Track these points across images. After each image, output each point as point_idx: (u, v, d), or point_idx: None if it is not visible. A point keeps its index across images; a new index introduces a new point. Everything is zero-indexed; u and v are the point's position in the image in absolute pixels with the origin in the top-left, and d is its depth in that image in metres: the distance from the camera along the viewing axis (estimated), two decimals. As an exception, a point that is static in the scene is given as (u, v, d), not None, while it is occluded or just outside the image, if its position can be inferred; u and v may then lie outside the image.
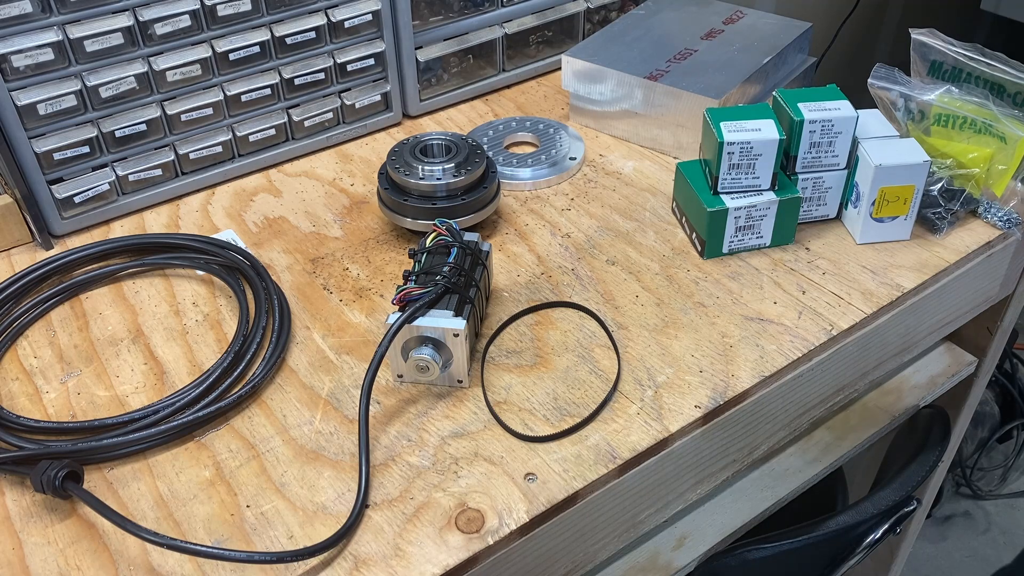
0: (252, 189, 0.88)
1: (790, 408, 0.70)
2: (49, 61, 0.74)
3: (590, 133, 0.94)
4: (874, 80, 0.81)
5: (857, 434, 0.82)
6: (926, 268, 0.73)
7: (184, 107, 0.82)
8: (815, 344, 0.67)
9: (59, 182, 0.79)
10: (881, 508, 0.77)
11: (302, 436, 0.61)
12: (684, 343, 0.67)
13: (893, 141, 0.75)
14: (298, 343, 0.69)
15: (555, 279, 0.74)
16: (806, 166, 0.75)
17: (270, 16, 0.83)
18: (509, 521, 0.55)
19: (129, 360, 0.68)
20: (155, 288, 0.75)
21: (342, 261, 0.77)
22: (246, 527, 0.55)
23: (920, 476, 0.80)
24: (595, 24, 1.05)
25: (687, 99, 0.85)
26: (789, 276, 0.73)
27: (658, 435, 0.60)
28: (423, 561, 0.53)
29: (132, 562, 0.54)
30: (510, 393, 0.64)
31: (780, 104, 0.75)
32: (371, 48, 0.90)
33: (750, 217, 0.74)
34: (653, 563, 0.71)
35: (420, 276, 0.64)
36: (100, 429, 0.61)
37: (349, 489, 0.57)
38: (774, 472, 0.78)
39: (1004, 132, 0.75)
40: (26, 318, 0.72)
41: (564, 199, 0.84)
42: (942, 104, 0.78)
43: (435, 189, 0.76)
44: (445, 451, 0.60)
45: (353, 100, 0.92)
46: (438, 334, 0.61)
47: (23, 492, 0.58)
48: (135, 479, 0.59)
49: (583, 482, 0.57)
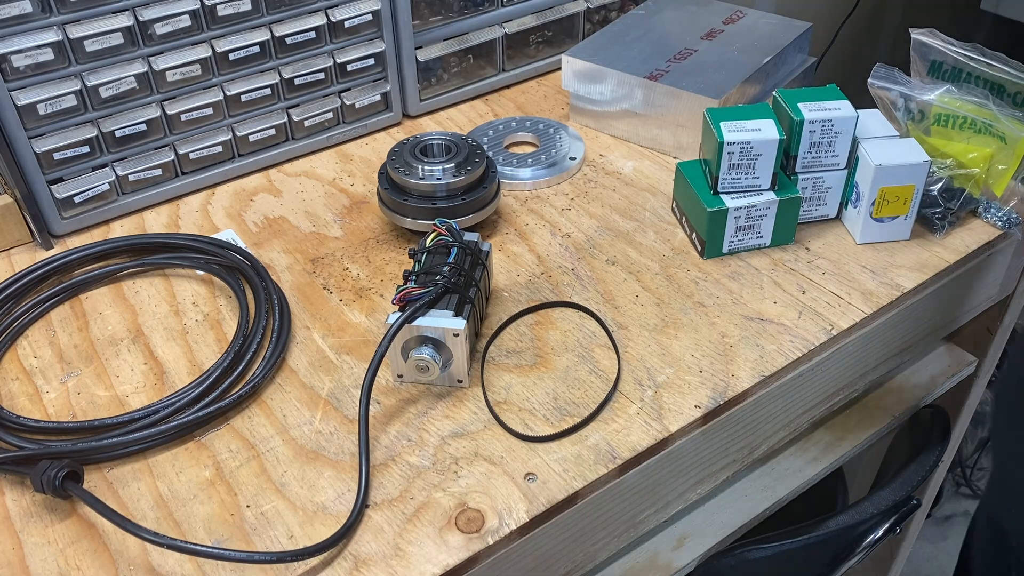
0: (252, 189, 0.88)
1: (790, 408, 0.70)
2: (49, 61, 0.74)
3: (590, 133, 0.94)
4: (874, 80, 0.81)
5: (857, 434, 0.82)
6: (926, 268, 0.73)
7: (184, 107, 0.82)
8: (815, 344, 0.67)
9: (59, 182, 0.79)
10: (881, 508, 0.77)
11: (302, 436, 0.61)
12: (684, 343, 0.67)
13: (893, 141, 0.75)
14: (298, 343, 0.69)
15: (555, 279, 0.74)
16: (806, 166, 0.75)
17: (270, 16, 0.83)
18: (509, 521, 0.55)
19: (129, 360, 0.68)
20: (155, 288, 0.75)
21: (342, 261, 0.77)
22: (246, 527, 0.55)
23: (920, 476, 0.80)
24: (595, 24, 1.05)
25: (687, 99, 0.85)
26: (789, 276, 0.73)
27: (658, 435, 0.60)
28: (423, 561, 0.53)
29: (132, 562, 0.54)
30: (510, 393, 0.64)
31: (780, 104, 0.75)
32: (371, 48, 0.90)
33: (750, 217, 0.74)
34: (653, 563, 0.71)
35: (420, 276, 0.64)
36: (100, 429, 0.61)
37: (349, 489, 0.57)
38: (774, 472, 0.78)
39: (1004, 132, 0.75)
40: (26, 318, 0.72)
41: (564, 199, 0.84)
42: (942, 104, 0.78)
43: (435, 189, 0.76)
44: (445, 451, 0.60)
45: (353, 100, 0.92)
46: (438, 334, 0.61)
47: (23, 492, 0.58)
48: (135, 479, 0.59)
49: (583, 482, 0.57)
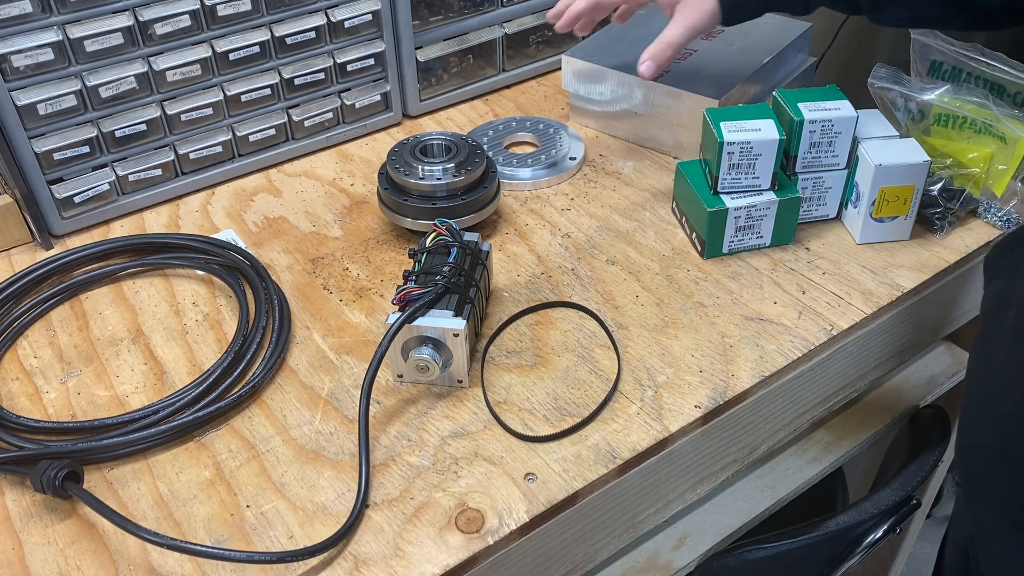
0: (252, 189, 0.88)
1: (790, 408, 0.70)
2: (49, 61, 0.74)
3: (590, 133, 0.94)
4: (874, 80, 0.81)
5: (857, 434, 0.82)
6: (926, 268, 0.73)
7: (184, 107, 0.82)
8: (815, 344, 0.67)
9: (59, 182, 0.79)
10: (881, 508, 0.77)
11: (302, 436, 0.61)
12: (684, 343, 0.67)
13: (893, 141, 0.75)
14: (298, 343, 0.69)
15: (555, 279, 0.74)
16: (806, 166, 0.75)
17: (270, 16, 0.83)
18: (509, 521, 0.55)
19: (129, 360, 0.68)
20: (155, 288, 0.75)
21: (342, 261, 0.77)
22: (246, 527, 0.55)
23: (920, 476, 0.80)
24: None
25: (687, 99, 0.85)
26: (789, 276, 0.73)
27: (658, 435, 0.60)
28: (423, 561, 0.53)
29: (132, 562, 0.54)
30: (510, 393, 0.64)
31: (780, 104, 0.75)
32: (371, 48, 0.90)
33: (750, 217, 0.74)
34: (653, 563, 0.71)
35: (420, 276, 0.64)
36: (100, 429, 0.61)
37: (349, 489, 0.57)
38: (774, 472, 0.78)
39: (1004, 132, 0.75)
40: (26, 318, 0.72)
41: (564, 199, 0.84)
42: (942, 104, 0.78)
43: (435, 189, 0.76)
44: (445, 451, 0.60)
45: (353, 100, 0.92)
46: (438, 334, 0.61)
47: (23, 492, 0.58)
48: (135, 479, 0.59)
49: (583, 482, 0.57)
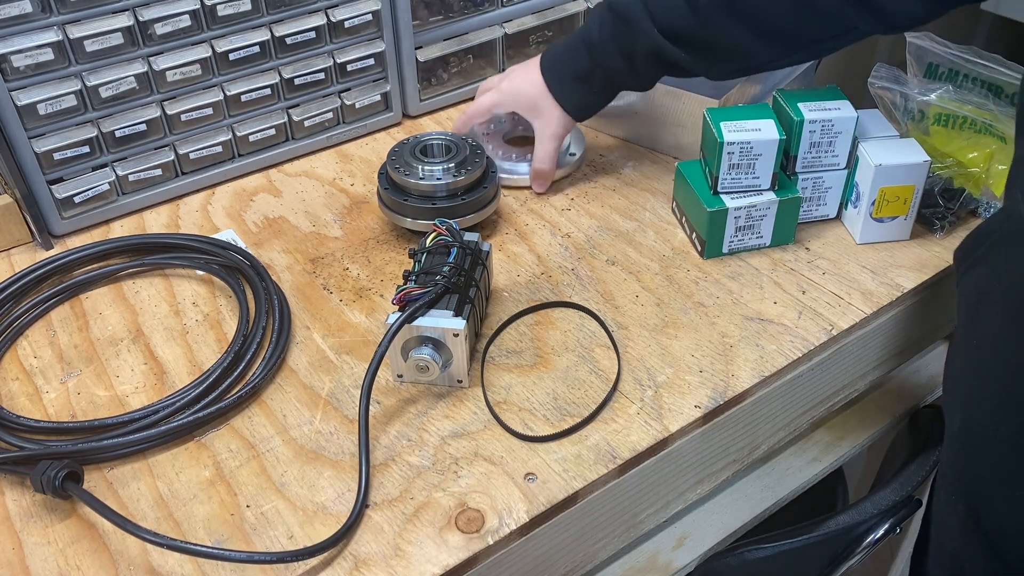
0: (252, 189, 0.88)
1: (790, 408, 0.70)
2: (49, 61, 0.74)
3: (590, 133, 0.94)
4: (874, 80, 0.81)
5: (857, 434, 0.82)
6: (926, 268, 0.73)
7: (184, 107, 0.82)
8: (815, 344, 0.67)
9: (59, 182, 0.79)
10: (881, 508, 0.77)
11: (302, 436, 0.61)
12: (684, 343, 0.67)
13: (893, 141, 0.75)
14: (298, 343, 0.69)
15: (555, 279, 0.74)
16: (806, 166, 0.75)
17: (270, 16, 0.83)
18: (509, 521, 0.55)
19: (129, 360, 0.68)
20: (155, 288, 0.75)
21: (342, 261, 0.77)
22: (246, 527, 0.55)
23: (920, 476, 0.80)
24: (595, 24, 1.05)
25: (687, 99, 0.85)
26: (789, 276, 0.73)
27: (658, 435, 0.60)
28: (423, 561, 0.53)
29: (132, 562, 0.54)
30: (510, 393, 0.64)
31: (780, 104, 0.75)
32: (371, 48, 0.90)
33: (750, 217, 0.74)
34: (653, 563, 0.71)
35: (420, 276, 0.64)
36: (100, 429, 0.61)
37: (349, 489, 0.57)
38: (774, 472, 0.78)
39: (1004, 132, 0.75)
40: (26, 318, 0.72)
41: (564, 199, 0.84)
42: (942, 104, 0.78)
43: (435, 189, 0.76)
44: (445, 451, 0.60)
45: (353, 100, 0.92)
46: (438, 334, 0.61)
47: (23, 492, 0.58)
48: (135, 479, 0.59)
49: (583, 482, 0.57)
